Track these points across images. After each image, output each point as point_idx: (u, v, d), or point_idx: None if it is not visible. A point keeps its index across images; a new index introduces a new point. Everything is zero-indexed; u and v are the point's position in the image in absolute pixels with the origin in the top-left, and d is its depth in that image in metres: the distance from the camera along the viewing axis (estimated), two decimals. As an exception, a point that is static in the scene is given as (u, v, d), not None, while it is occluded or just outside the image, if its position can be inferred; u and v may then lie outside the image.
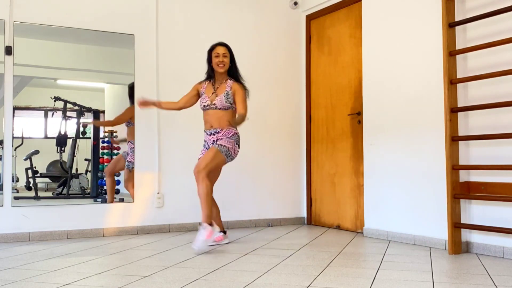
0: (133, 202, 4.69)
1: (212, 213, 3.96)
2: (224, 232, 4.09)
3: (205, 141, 4.05)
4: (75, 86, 4.88)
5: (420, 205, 4.05)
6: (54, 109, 4.77)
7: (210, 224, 3.75)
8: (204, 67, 5.04)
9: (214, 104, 3.94)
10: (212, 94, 3.98)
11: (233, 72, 4.06)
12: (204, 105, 4.00)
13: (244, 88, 4.02)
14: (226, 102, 3.93)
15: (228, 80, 4.02)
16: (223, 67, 3.99)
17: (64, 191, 4.81)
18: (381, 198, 4.41)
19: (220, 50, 4.01)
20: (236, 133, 3.96)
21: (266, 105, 5.30)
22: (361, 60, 4.71)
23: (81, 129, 4.87)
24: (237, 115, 3.92)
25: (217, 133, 3.94)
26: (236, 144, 3.95)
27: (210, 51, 4.06)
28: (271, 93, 5.34)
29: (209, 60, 4.07)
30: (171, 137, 4.88)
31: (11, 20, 4.31)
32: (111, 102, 4.95)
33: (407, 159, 4.17)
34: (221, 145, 3.88)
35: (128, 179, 4.73)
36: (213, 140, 3.95)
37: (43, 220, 4.33)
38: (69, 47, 4.64)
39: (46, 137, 4.85)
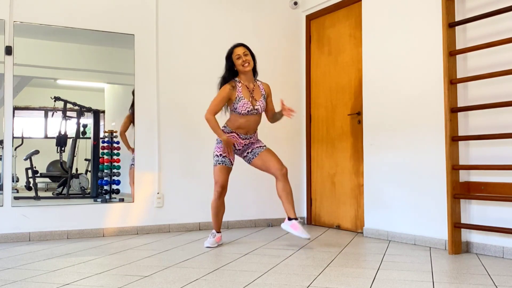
0: (133, 202, 4.69)
1: (222, 213, 4.01)
2: (220, 232, 4.07)
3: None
4: (75, 86, 4.88)
5: (420, 205, 4.05)
6: (54, 109, 4.77)
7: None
8: (205, 68, 5.07)
9: (257, 109, 3.91)
10: (252, 98, 3.91)
11: (255, 69, 4.02)
12: (248, 111, 3.87)
13: None
14: (264, 106, 3.97)
15: (257, 82, 4.01)
16: (248, 66, 3.88)
17: (64, 191, 4.81)
18: (381, 198, 4.41)
19: (240, 50, 3.88)
20: (257, 133, 4.09)
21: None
22: (361, 60, 4.71)
23: (81, 129, 4.87)
24: (276, 113, 4.06)
25: (250, 138, 3.99)
26: None
27: (229, 55, 3.91)
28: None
29: (230, 64, 3.91)
30: (171, 137, 4.88)
31: (11, 20, 4.31)
32: (111, 102, 4.95)
33: (407, 159, 4.17)
34: (264, 145, 4.05)
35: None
36: (245, 144, 3.97)
37: (43, 220, 4.33)
38: (69, 47, 4.64)
39: (46, 137, 4.85)
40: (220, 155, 3.89)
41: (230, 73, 3.92)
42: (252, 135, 4.00)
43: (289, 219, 3.86)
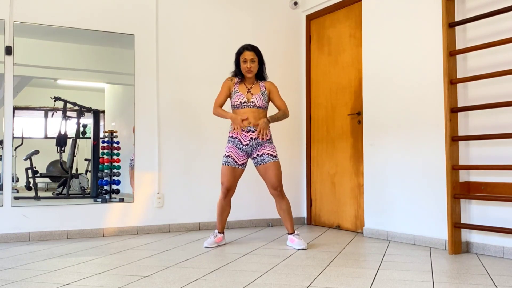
0: (133, 202, 4.69)
1: (226, 213, 4.05)
2: (222, 233, 4.10)
3: (235, 138, 3.91)
4: (75, 86, 4.88)
5: (420, 205, 4.05)
6: (54, 109, 4.77)
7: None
8: (205, 67, 5.07)
9: (252, 102, 3.89)
10: (248, 93, 3.92)
11: (260, 74, 4.02)
12: (240, 102, 3.89)
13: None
14: (264, 101, 3.93)
15: (260, 82, 4.02)
16: (250, 73, 3.93)
17: (64, 191, 4.81)
18: (381, 198, 4.41)
19: (248, 55, 3.90)
20: (271, 134, 3.97)
21: (266, 105, 5.30)
22: (361, 60, 4.71)
23: (81, 129, 4.87)
24: (278, 112, 4.00)
25: (256, 130, 3.89)
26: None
27: (238, 55, 3.96)
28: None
29: (237, 63, 3.98)
30: (171, 137, 4.88)
31: (11, 20, 4.31)
32: (111, 102, 4.95)
33: (407, 159, 4.17)
34: (275, 155, 3.91)
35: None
36: (251, 138, 3.88)
37: (43, 220, 4.33)
38: (69, 47, 4.64)
39: (46, 137, 4.85)
40: (225, 155, 3.93)
41: (237, 69, 4.01)
42: (255, 129, 3.91)
43: (288, 233, 3.99)
